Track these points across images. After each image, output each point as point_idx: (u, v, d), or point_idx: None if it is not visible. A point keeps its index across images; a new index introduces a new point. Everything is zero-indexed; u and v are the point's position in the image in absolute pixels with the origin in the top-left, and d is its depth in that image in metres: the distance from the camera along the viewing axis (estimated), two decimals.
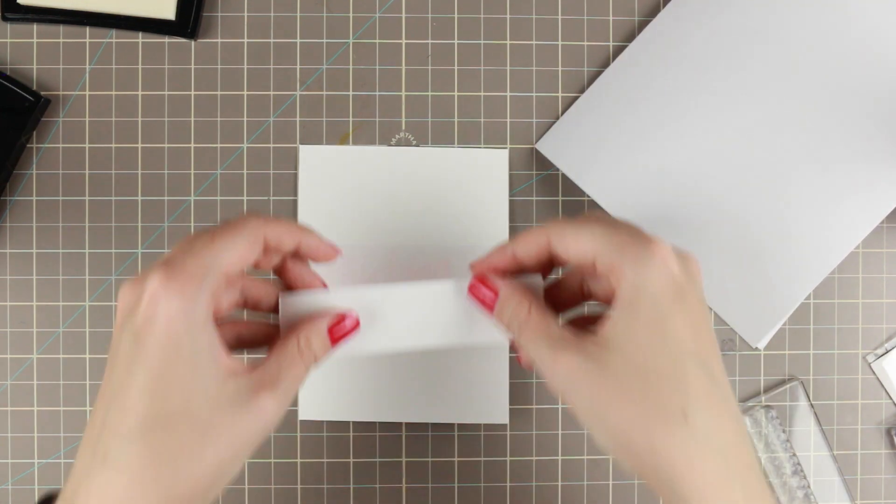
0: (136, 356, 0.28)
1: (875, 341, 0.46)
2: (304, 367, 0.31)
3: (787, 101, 0.44)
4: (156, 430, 0.28)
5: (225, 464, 0.28)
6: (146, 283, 0.28)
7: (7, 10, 0.43)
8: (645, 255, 0.30)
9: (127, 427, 0.28)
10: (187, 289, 0.28)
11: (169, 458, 0.27)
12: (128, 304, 0.29)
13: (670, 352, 0.29)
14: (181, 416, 0.28)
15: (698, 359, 0.29)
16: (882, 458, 0.46)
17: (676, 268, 0.30)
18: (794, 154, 0.44)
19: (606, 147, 0.44)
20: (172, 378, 0.28)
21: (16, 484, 0.44)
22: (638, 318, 0.29)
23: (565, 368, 0.29)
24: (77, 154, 0.44)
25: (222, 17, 0.45)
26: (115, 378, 0.29)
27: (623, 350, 0.29)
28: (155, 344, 0.28)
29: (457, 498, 0.45)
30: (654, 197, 0.44)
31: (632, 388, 0.28)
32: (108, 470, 0.27)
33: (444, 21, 0.45)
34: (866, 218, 0.44)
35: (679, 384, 0.28)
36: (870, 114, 0.44)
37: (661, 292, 0.29)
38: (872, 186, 0.44)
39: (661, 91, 0.44)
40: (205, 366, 0.29)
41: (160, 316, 0.28)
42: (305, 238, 0.33)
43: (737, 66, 0.44)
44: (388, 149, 0.45)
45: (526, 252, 0.33)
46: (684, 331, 0.29)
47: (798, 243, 0.44)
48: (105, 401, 0.29)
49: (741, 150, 0.44)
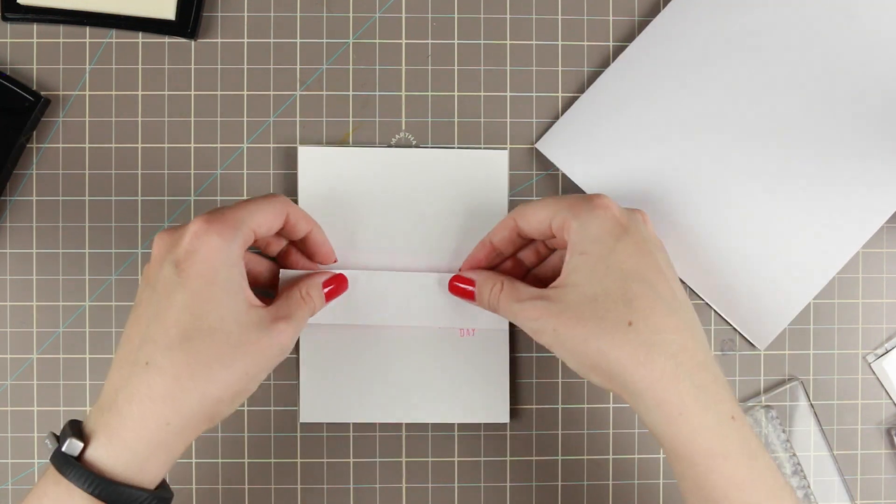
0: (177, 281, 0.33)
1: (875, 341, 0.46)
2: (307, 310, 0.38)
3: (789, 100, 0.44)
4: (194, 341, 0.32)
5: (250, 375, 0.34)
6: (189, 225, 0.34)
7: (7, 10, 0.43)
8: (587, 206, 0.36)
9: (169, 338, 0.32)
10: (225, 231, 0.34)
11: (205, 365, 0.32)
12: (166, 244, 0.35)
13: (615, 277, 0.34)
14: (216, 331, 0.33)
15: (641, 277, 0.34)
16: (882, 458, 0.46)
17: (617, 212, 0.36)
18: (797, 155, 0.44)
19: (607, 147, 0.44)
20: (209, 300, 0.33)
21: (16, 484, 0.44)
22: (587, 257, 0.35)
23: (532, 314, 0.35)
24: (77, 154, 0.44)
25: (222, 17, 0.45)
26: (154, 300, 0.33)
27: (576, 286, 0.35)
28: (195, 271, 0.33)
29: (457, 498, 0.45)
30: (655, 198, 0.44)
31: (584, 312, 0.34)
32: (150, 374, 0.32)
33: (444, 21, 0.45)
34: (870, 218, 0.44)
35: (623, 300, 0.34)
36: (873, 113, 0.44)
37: (604, 231, 0.35)
38: (876, 186, 0.44)
39: (662, 91, 0.44)
40: (235, 294, 0.34)
41: (202, 249, 0.33)
42: (316, 229, 0.40)
43: (738, 67, 0.44)
44: (388, 149, 0.45)
45: (500, 238, 0.40)
46: (627, 258, 0.34)
47: (802, 245, 0.44)
48: (144, 320, 0.33)
49: (743, 151, 0.44)
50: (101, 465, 0.31)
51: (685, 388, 0.32)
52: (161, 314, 0.33)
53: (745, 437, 0.33)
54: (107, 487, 0.31)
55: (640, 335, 0.33)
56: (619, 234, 0.35)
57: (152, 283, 0.34)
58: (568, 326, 0.34)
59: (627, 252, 0.35)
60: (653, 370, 0.33)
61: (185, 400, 0.32)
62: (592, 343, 0.33)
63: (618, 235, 0.35)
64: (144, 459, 0.32)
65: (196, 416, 0.33)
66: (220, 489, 0.45)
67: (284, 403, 0.45)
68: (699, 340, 0.34)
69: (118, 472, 0.31)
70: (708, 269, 0.44)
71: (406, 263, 0.44)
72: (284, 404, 0.45)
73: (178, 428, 0.32)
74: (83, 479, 0.31)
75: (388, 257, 0.44)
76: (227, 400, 0.34)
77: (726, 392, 0.34)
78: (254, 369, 0.34)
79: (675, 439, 0.33)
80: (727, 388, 0.34)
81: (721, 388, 0.34)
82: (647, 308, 0.33)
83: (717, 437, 0.32)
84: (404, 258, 0.44)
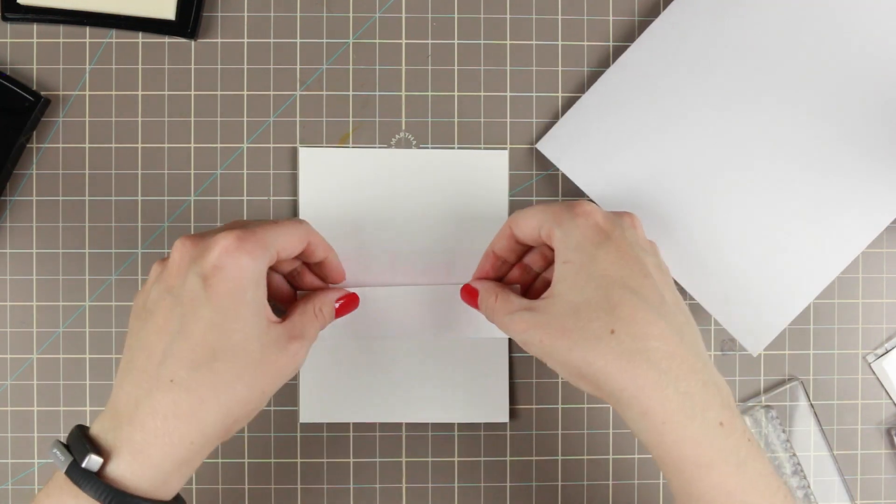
0: (204, 296, 0.33)
1: (875, 341, 0.46)
2: (319, 326, 0.39)
3: (790, 102, 0.44)
4: (219, 361, 0.33)
5: (266, 393, 0.35)
6: (218, 238, 0.34)
7: (7, 10, 0.43)
8: (569, 214, 0.36)
9: (195, 356, 0.32)
10: (256, 251, 0.34)
11: (229, 384, 0.33)
12: (189, 253, 0.34)
13: (598, 285, 0.34)
14: (240, 350, 0.33)
15: (623, 284, 0.34)
16: (882, 458, 0.46)
17: (600, 218, 0.36)
18: (796, 159, 0.44)
19: (607, 148, 0.44)
20: (236, 319, 0.33)
21: (16, 484, 0.44)
22: (569, 266, 0.35)
23: (519, 326, 0.36)
24: (77, 154, 0.45)
25: (222, 17, 0.45)
26: (178, 312, 0.33)
27: (560, 296, 0.35)
28: (225, 289, 0.33)
29: (457, 498, 0.45)
30: (655, 200, 0.44)
31: (567, 323, 0.34)
32: (176, 392, 0.32)
33: (444, 21, 0.45)
34: (867, 226, 0.44)
35: (605, 308, 0.33)
36: (872, 119, 0.44)
37: (585, 239, 0.35)
38: (874, 193, 0.44)
39: (663, 93, 0.44)
40: (258, 313, 0.34)
41: (231, 267, 0.33)
42: (332, 255, 0.40)
43: (739, 69, 0.44)
44: (388, 150, 0.45)
45: (500, 247, 0.40)
46: (610, 265, 0.34)
47: (798, 251, 0.44)
48: (167, 334, 0.33)
49: (742, 154, 0.44)
50: (124, 481, 0.31)
51: (670, 396, 0.32)
52: (186, 330, 0.33)
53: (734, 444, 0.32)
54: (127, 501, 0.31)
55: (622, 343, 0.32)
56: (601, 241, 0.35)
57: (175, 292, 0.34)
58: (553, 338, 0.34)
59: (610, 259, 0.34)
60: (636, 378, 0.32)
61: (209, 419, 0.32)
62: (577, 353, 0.33)
63: (598, 242, 0.35)
64: (167, 475, 0.32)
65: (217, 433, 0.33)
66: (220, 489, 0.45)
67: (284, 403, 0.45)
68: (689, 344, 0.34)
69: (141, 488, 0.32)
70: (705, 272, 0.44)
71: (406, 264, 0.44)
72: (284, 404, 0.45)
73: (199, 446, 0.33)
74: (104, 494, 0.31)
75: (389, 258, 0.44)
76: (243, 417, 0.34)
77: (716, 397, 0.33)
78: (270, 387, 0.35)
79: (661, 448, 0.32)
80: (718, 393, 0.33)
81: (710, 393, 0.33)
82: (630, 315, 0.33)
83: (702, 447, 0.32)
84: (404, 259, 0.44)
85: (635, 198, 0.44)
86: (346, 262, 0.43)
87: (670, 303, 0.35)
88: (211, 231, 0.35)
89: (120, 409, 0.33)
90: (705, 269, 0.44)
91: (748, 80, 0.44)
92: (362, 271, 0.44)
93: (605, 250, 0.35)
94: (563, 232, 0.36)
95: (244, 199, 0.45)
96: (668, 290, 0.35)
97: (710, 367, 0.34)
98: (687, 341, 0.34)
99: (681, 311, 0.35)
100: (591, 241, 0.35)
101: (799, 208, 0.44)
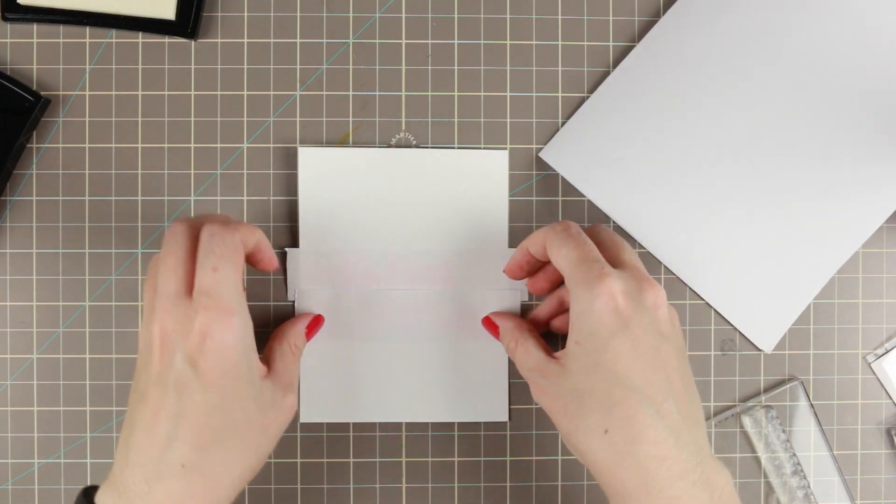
0: (197, 381, 0.32)
1: (875, 341, 0.46)
2: (297, 361, 0.40)
3: (790, 102, 0.44)
4: (227, 439, 0.33)
5: (269, 453, 0.36)
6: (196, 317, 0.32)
7: (7, 10, 0.43)
8: (589, 292, 0.34)
9: (202, 439, 0.33)
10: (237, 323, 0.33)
11: (240, 459, 0.34)
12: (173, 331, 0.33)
13: (603, 377, 0.34)
14: (242, 424, 0.34)
15: (628, 382, 0.34)
16: (882, 458, 0.46)
17: (622, 301, 0.34)
18: (798, 156, 0.44)
19: (611, 155, 0.44)
20: (234, 396, 0.33)
21: (16, 484, 0.44)
22: (581, 349, 0.35)
23: (533, 388, 0.38)
24: (77, 154, 0.44)
25: (222, 17, 0.45)
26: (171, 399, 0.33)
27: (570, 373, 0.35)
28: (218, 370, 0.33)
29: (457, 498, 0.45)
30: (659, 205, 0.44)
31: (569, 406, 0.35)
32: (188, 475, 0.32)
33: (444, 21, 0.45)
34: (870, 218, 0.44)
35: (605, 406, 0.34)
36: (874, 114, 0.44)
37: (601, 325, 0.34)
38: (876, 186, 0.44)
39: (665, 97, 0.44)
40: (253, 378, 0.34)
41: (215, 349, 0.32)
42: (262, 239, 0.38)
43: (739, 72, 0.44)
44: (388, 149, 0.45)
45: (535, 248, 0.39)
46: (620, 357, 0.34)
47: (803, 245, 0.44)
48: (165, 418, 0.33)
49: (744, 153, 0.44)
50: None
51: (655, 500, 0.33)
52: (186, 414, 0.32)
53: None
54: None
55: (614, 445, 0.33)
56: (616, 330, 0.34)
57: (164, 379, 0.33)
58: (558, 414, 0.35)
59: (622, 351, 0.34)
60: (624, 482, 0.33)
61: (223, 492, 0.34)
62: (573, 440, 0.35)
63: (614, 332, 0.34)
64: None
65: (229, 499, 0.35)
66: None
67: None
68: (685, 444, 0.33)
69: None
70: (710, 274, 0.44)
71: (406, 264, 0.44)
72: None
73: None
74: None
75: (388, 257, 0.44)
76: (251, 475, 0.36)
77: (706, 494, 0.33)
78: (274, 443, 0.36)
79: None
80: (709, 492, 0.33)
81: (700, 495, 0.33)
82: (627, 416, 0.33)
83: None
84: (404, 258, 0.44)
85: (639, 203, 0.44)
86: (347, 262, 0.43)
87: (678, 391, 0.34)
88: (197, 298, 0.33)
89: (129, 486, 0.33)
90: (711, 269, 0.44)
91: (748, 82, 0.44)
92: (362, 271, 0.44)
93: (619, 341, 0.34)
94: (580, 307, 0.35)
95: (244, 199, 0.45)
96: (678, 376, 0.35)
97: (706, 463, 0.34)
98: (683, 441, 0.33)
99: (688, 397, 0.35)
100: (607, 328, 0.34)
101: (801, 202, 0.44)
